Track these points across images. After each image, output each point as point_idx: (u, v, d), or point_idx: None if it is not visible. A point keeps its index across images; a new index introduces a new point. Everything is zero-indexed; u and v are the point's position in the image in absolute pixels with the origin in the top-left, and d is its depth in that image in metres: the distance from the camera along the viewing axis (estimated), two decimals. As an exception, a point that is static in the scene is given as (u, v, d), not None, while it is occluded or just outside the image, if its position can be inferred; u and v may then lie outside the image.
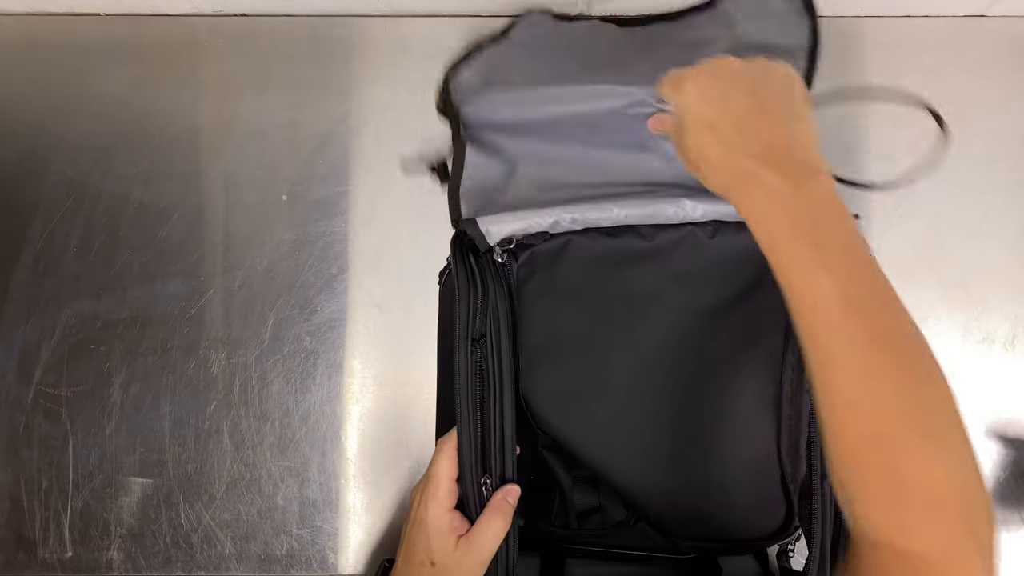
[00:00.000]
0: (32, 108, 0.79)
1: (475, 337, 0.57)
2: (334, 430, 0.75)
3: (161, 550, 0.74)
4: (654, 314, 0.61)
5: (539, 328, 0.62)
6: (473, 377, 0.55)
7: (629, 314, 0.61)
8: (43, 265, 0.77)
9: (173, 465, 0.75)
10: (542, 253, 0.62)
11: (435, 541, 0.51)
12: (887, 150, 0.77)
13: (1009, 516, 0.74)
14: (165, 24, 0.80)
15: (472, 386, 0.55)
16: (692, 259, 0.61)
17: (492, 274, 0.59)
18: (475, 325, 0.57)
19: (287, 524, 0.75)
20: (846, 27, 0.79)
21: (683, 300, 0.62)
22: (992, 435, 0.75)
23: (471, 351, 0.56)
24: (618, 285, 0.62)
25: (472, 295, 0.57)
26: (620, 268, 0.62)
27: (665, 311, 0.61)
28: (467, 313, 0.56)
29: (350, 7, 0.78)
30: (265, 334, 0.76)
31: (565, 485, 0.65)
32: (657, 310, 0.61)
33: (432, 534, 0.52)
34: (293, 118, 0.78)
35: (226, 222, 0.77)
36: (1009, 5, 0.77)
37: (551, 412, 0.61)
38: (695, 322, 0.61)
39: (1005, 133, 0.78)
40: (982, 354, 0.75)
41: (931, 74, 0.78)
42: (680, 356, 0.60)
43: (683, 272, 0.61)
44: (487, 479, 0.53)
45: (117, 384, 0.76)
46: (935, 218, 0.77)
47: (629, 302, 0.62)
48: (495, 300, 0.57)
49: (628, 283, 0.61)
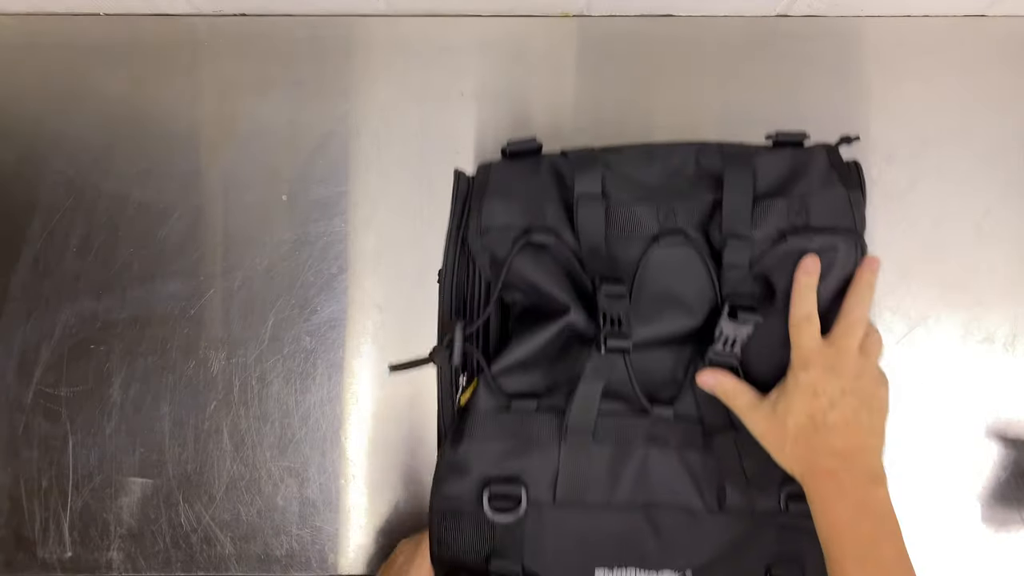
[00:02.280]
0: (32, 108, 0.79)
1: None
2: (334, 430, 0.75)
3: (161, 550, 0.74)
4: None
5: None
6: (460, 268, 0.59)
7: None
8: (43, 265, 0.77)
9: (173, 465, 0.75)
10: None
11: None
12: (887, 150, 0.77)
13: (1009, 516, 0.74)
14: (165, 24, 0.80)
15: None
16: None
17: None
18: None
19: (287, 524, 0.75)
20: (846, 27, 0.79)
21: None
22: (992, 435, 0.75)
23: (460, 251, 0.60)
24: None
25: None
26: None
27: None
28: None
29: (350, 7, 0.78)
30: (265, 334, 0.76)
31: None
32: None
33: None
34: (293, 118, 0.78)
35: (226, 222, 0.77)
36: (1009, 5, 0.77)
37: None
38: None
39: (1005, 133, 0.78)
40: (982, 354, 0.75)
41: (931, 74, 0.78)
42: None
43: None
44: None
45: (117, 384, 0.76)
46: (935, 218, 0.77)
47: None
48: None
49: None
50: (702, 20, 0.78)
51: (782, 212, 0.56)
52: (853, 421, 0.52)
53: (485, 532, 0.55)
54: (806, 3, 0.77)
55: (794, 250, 0.56)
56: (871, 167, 0.77)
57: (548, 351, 0.57)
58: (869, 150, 0.77)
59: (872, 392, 0.54)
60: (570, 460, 0.56)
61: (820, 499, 0.52)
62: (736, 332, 0.56)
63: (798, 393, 0.53)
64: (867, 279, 0.56)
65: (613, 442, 0.56)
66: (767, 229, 0.56)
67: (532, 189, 0.59)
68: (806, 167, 0.58)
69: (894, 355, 0.76)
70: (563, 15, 0.79)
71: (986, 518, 0.74)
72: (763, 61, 0.78)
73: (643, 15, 0.79)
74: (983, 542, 0.74)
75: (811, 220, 0.56)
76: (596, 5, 0.77)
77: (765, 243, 0.56)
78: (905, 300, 0.76)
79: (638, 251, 0.57)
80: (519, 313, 0.60)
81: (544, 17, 0.79)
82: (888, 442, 0.55)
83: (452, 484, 0.56)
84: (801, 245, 0.56)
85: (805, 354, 0.54)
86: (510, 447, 0.56)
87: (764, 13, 0.78)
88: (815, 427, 0.52)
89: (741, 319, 0.55)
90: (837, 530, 0.51)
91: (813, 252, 0.56)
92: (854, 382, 0.53)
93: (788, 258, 0.56)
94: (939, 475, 0.74)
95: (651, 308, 0.57)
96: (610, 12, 0.79)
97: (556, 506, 0.56)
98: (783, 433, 0.53)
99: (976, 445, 0.75)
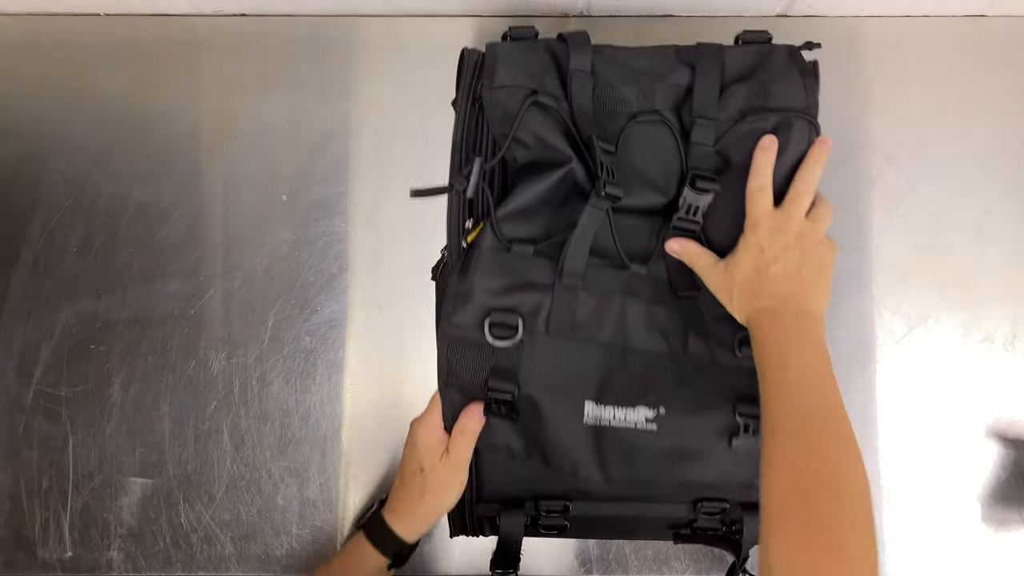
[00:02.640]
0: (32, 108, 0.79)
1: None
2: (334, 430, 0.75)
3: (161, 550, 0.74)
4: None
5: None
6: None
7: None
8: (43, 265, 0.77)
9: (173, 465, 0.75)
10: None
11: (425, 455, 0.63)
12: (888, 150, 0.77)
13: (1009, 516, 0.74)
14: (165, 24, 0.80)
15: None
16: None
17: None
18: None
19: (287, 524, 0.75)
20: (846, 27, 0.79)
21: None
22: (992, 435, 0.75)
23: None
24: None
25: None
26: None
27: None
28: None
29: (350, 7, 0.78)
30: (265, 334, 0.76)
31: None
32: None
33: (422, 449, 0.64)
34: (293, 118, 0.78)
35: (226, 222, 0.77)
36: (1009, 5, 0.77)
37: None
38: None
39: (1005, 133, 0.78)
40: (982, 354, 0.75)
41: (931, 74, 0.78)
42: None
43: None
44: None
45: (117, 384, 0.76)
46: (935, 218, 0.77)
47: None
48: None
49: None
50: (702, 20, 0.79)
51: (744, 96, 0.64)
52: (794, 273, 0.58)
53: (487, 356, 0.62)
54: (806, 3, 0.77)
55: (753, 130, 0.63)
56: (871, 167, 0.77)
57: (548, 200, 0.64)
58: (869, 150, 0.78)
59: (814, 249, 0.60)
60: (562, 300, 0.63)
61: (758, 332, 0.58)
62: (697, 200, 0.64)
63: (746, 250, 0.60)
64: (817, 155, 0.62)
65: (597, 293, 0.64)
66: (730, 111, 0.64)
67: (534, 62, 0.65)
68: (769, 60, 0.65)
69: (894, 355, 0.76)
70: (563, 15, 0.79)
71: (986, 518, 0.74)
72: (763, 61, 0.78)
73: (643, 15, 0.79)
74: (983, 542, 0.74)
75: (769, 102, 0.64)
76: (596, 5, 0.77)
77: (727, 123, 0.64)
78: (905, 300, 0.76)
79: (620, 126, 0.65)
80: (519, 169, 0.66)
81: (544, 17, 0.79)
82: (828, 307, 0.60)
83: (459, 313, 0.63)
84: (759, 125, 0.63)
85: (756, 218, 0.61)
86: (509, 284, 0.63)
87: (764, 13, 0.78)
88: (758, 277, 0.59)
89: (700, 188, 0.63)
90: (767, 349, 0.56)
91: (770, 132, 0.63)
92: (797, 239, 0.59)
93: (747, 137, 0.63)
94: (939, 475, 0.74)
95: (629, 180, 0.64)
96: (610, 12, 0.79)
97: (550, 335, 0.63)
98: (732, 285, 0.60)
99: (976, 445, 0.75)
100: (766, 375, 0.55)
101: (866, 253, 0.76)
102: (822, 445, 0.50)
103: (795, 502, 0.48)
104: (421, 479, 0.63)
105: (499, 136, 0.65)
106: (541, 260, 0.64)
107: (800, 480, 0.49)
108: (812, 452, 0.50)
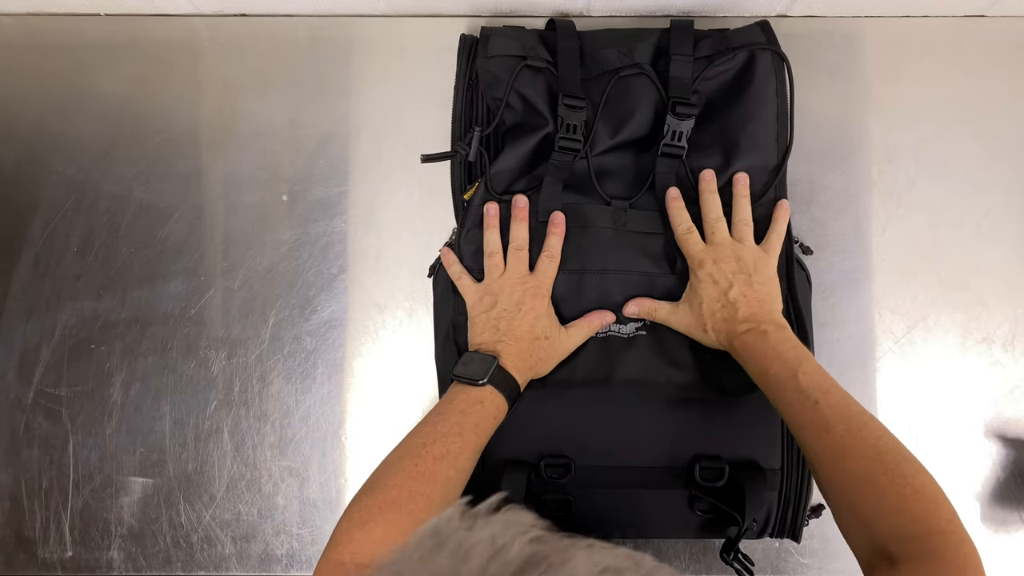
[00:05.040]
0: (32, 108, 0.79)
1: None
2: (334, 430, 0.76)
3: (161, 550, 0.74)
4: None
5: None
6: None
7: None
8: (43, 265, 0.77)
9: (173, 465, 0.75)
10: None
11: (550, 325, 0.68)
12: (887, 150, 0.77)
13: (1009, 516, 0.74)
14: (165, 24, 0.80)
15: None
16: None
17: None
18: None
19: (287, 524, 0.75)
20: (846, 27, 0.79)
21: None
22: (992, 435, 0.75)
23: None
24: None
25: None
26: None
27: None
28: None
29: (350, 7, 0.78)
30: (265, 334, 0.76)
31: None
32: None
33: (548, 321, 0.68)
34: (293, 118, 0.78)
35: (226, 222, 0.77)
36: (1009, 5, 0.77)
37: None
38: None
39: (1005, 133, 0.78)
40: (982, 354, 0.75)
41: (931, 74, 0.78)
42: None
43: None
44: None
45: (117, 384, 0.76)
46: (935, 218, 0.77)
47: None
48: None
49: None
50: (702, 20, 0.78)
51: (710, 44, 0.73)
52: (750, 292, 0.66)
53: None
54: (806, 3, 0.77)
55: (722, 70, 0.72)
56: (871, 167, 0.77)
57: (533, 158, 0.72)
58: (869, 150, 0.78)
59: (754, 267, 0.67)
60: (541, 236, 0.70)
61: (745, 354, 0.64)
62: (679, 126, 0.71)
63: (702, 287, 0.67)
64: (708, 192, 0.70)
65: (580, 225, 0.71)
66: (701, 53, 0.72)
67: (526, 38, 0.73)
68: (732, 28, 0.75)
69: (894, 355, 0.76)
70: (563, 15, 0.79)
71: (986, 518, 0.74)
72: (763, 61, 0.78)
73: (643, 15, 0.79)
74: (983, 542, 0.74)
75: (731, 43, 0.72)
76: (596, 5, 0.77)
77: (699, 66, 0.72)
78: (905, 300, 0.76)
79: (606, 83, 0.72)
80: (507, 130, 0.73)
81: (544, 17, 0.79)
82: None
83: (463, 258, 0.71)
84: (726, 65, 0.72)
85: (697, 257, 0.68)
86: (500, 228, 0.70)
87: (764, 13, 0.78)
88: (723, 306, 0.66)
89: (681, 113, 0.70)
90: (765, 368, 0.62)
91: (738, 71, 0.73)
92: (738, 262, 0.67)
93: (717, 77, 0.73)
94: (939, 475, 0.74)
95: (615, 121, 0.72)
96: (610, 12, 0.79)
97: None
98: (702, 320, 0.67)
99: (976, 445, 0.75)
100: (783, 384, 0.60)
101: (866, 253, 0.76)
102: (872, 428, 0.56)
103: (885, 477, 0.53)
104: (547, 344, 0.67)
105: (492, 101, 0.72)
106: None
107: (880, 459, 0.54)
108: (871, 438, 0.55)
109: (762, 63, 0.72)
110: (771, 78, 0.72)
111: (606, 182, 0.72)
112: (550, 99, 0.71)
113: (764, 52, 0.72)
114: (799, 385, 0.59)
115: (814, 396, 0.58)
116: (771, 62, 0.72)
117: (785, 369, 0.60)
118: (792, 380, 0.59)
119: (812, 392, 0.58)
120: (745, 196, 0.71)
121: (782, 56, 0.72)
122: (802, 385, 0.59)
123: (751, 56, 0.72)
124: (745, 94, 0.71)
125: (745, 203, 0.70)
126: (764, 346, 0.63)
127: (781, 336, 0.63)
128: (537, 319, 0.67)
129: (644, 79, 0.72)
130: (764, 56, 0.72)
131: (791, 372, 0.60)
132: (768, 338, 0.63)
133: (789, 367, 0.60)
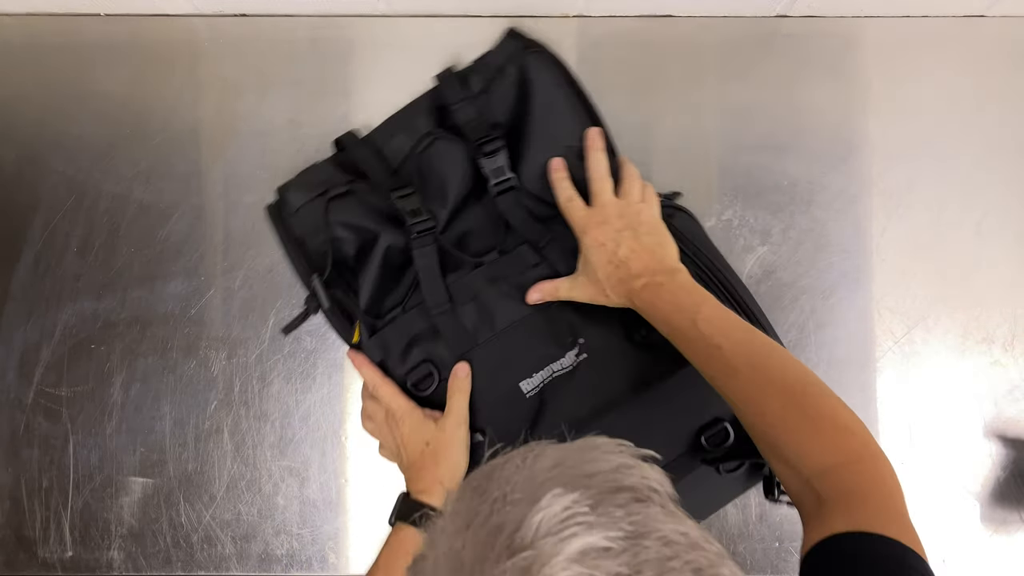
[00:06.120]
0: (32, 108, 0.79)
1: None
2: (334, 430, 0.76)
3: (161, 550, 0.74)
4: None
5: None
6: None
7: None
8: (43, 265, 0.77)
9: (173, 465, 0.75)
10: None
11: (421, 429, 0.68)
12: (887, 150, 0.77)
13: (1009, 516, 0.74)
14: (165, 24, 0.80)
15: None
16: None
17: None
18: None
19: (287, 524, 0.75)
20: (846, 27, 0.79)
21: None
22: (992, 435, 0.75)
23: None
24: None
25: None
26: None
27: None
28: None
29: (350, 7, 0.78)
30: (265, 334, 0.76)
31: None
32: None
33: (416, 427, 0.68)
34: (293, 118, 0.78)
35: (226, 222, 0.77)
36: (1009, 5, 0.77)
37: None
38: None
39: (1005, 133, 0.78)
40: (982, 354, 0.75)
41: (931, 74, 0.78)
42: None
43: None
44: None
45: (117, 384, 0.76)
46: (935, 218, 0.77)
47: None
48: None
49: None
50: (702, 20, 0.78)
51: (480, 76, 0.74)
52: (638, 247, 0.65)
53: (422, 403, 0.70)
54: (806, 3, 0.77)
55: (503, 92, 0.73)
56: (871, 167, 0.77)
57: (388, 270, 0.71)
58: (869, 150, 0.78)
59: (638, 218, 0.67)
60: (447, 327, 0.70)
61: (647, 306, 0.64)
62: (495, 163, 0.71)
63: (591, 252, 0.67)
64: (593, 144, 0.70)
65: (470, 298, 0.71)
66: (476, 88, 0.74)
67: (318, 175, 0.73)
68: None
69: (894, 355, 0.76)
70: (563, 15, 0.79)
71: (986, 518, 0.74)
72: (763, 61, 0.78)
73: (643, 15, 0.79)
74: (983, 542, 0.74)
75: (494, 63, 0.74)
76: (596, 5, 0.77)
77: (482, 101, 0.73)
78: (905, 300, 0.76)
79: (413, 166, 0.73)
80: (354, 257, 0.72)
81: (544, 17, 0.79)
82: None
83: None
84: (503, 89, 0.73)
85: (580, 223, 0.68)
86: (401, 348, 0.71)
87: (764, 13, 0.78)
88: (616, 266, 0.65)
89: (490, 151, 0.71)
90: (667, 320, 0.62)
91: (515, 87, 0.73)
92: (621, 220, 0.67)
93: (500, 100, 0.73)
94: (939, 475, 0.74)
95: (439, 194, 0.71)
96: (610, 12, 0.79)
97: (461, 358, 0.70)
98: (601, 286, 0.66)
99: (976, 445, 0.75)
100: (685, 334, 0.60)
101: (866, 253, 0.77)
102: (775, 361, 0.57)
103: (796, 411, 0.54)
104: (431, 451, 0.67)
105: (321, 246, 0.71)
106: (412, 312, 0.71)
107: (788, 393, 0.55)
108: (776, 373, 0.56)
109: (532, 68, 0.73)
110: (545, 75, 0.73)
111: (470, 244, 0.73)
112: (371, 212, 0.71)
113: (528, 56, 0.73)
114: (700, 332, 0.59)
115: (716, 341, 0.58)
116: (538, 62, 0.73)
117: (684, 318, 0.60)
118: (693, 328, 0.59)
119: (714, 337, 0.58)
120: (601, 149, 0.71)
121: (539, 49, 0.74)
122: (703, 332, 0.59)
123: (520, 67, 0.73)
124: (534, 101, 0.72)
125: (602, 155, 0.71)
126: (660, 299, 0.63)
127: (675, 283, 0.64)
128: (412, 433, 0.67)
129: (442, 142, 0.72)
130: (530, 60, 0.73)
131: (690, 320, 0.60)
132: (663, 289, 0.63)
133: (687, 315, 0.60)
